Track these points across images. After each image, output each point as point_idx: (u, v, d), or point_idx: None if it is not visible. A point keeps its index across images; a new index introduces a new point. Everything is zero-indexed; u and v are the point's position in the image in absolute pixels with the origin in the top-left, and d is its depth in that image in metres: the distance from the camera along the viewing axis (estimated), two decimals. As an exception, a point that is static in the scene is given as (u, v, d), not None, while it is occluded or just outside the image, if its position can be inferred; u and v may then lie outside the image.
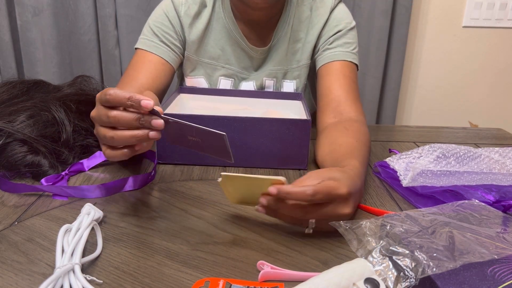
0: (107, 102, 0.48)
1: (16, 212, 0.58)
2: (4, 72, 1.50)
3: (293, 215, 0.51)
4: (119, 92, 0.47)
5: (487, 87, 1.76)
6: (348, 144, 0.68)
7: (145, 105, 0.46)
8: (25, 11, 1.44)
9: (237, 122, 0.71)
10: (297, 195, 0.48)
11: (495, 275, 0.41)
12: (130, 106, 0.47)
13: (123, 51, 1.52)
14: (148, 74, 0.83)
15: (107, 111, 0.48)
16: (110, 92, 0.47)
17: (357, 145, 0.68)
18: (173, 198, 0.63)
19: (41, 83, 0.88)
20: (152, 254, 0.49)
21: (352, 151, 0.66)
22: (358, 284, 0.40)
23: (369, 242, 0.47)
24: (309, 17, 0.89)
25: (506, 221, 0.52)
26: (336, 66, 0.86)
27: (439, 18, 1.66)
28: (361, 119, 0.79)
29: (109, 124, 0.49)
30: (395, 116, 1.70)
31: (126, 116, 0.48)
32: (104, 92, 0.48)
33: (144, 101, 0.46)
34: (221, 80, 0.92)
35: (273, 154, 0.73)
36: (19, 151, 0.67)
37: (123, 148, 0.51)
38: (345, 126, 0.74)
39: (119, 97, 0.47)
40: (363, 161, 0.65)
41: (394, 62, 1.61)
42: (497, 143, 0.96)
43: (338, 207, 0.51)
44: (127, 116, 0.48)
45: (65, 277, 0.42)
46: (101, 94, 0.49)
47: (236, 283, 0.44)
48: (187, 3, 0.86)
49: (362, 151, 0.67)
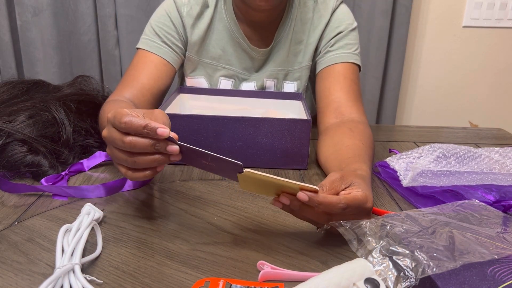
0: (121, 129, 0.48)
1: (16, 212, 0.58)
2: (4, 72, 1.50)
3: (316, 220, 0.50)
4: (134, 121, 0.46)
5: (487, 87, 1.76)
6: (354, 146, 0.68)
7: (161, 133, 0.46)
8: (25, 11, 1.44)
9: (237, 122, 0.71)
10: (328, 206, 0.47)
11: (495, 275, 0.41)
12: (146, 134, 0.47)
13: (123, 51, 1.52)
14: (149, 74, 0.83)
15: (122, 136, 0.48)
16: (125, 120, 0.46)
17: (364, 148, 0.68)
18: (173, 198, 0.63)
19: (41, 83, 0.88)
20: (152, 254, 0.49)
21: (360, 154, 0.66)
22: (358, 284, 0.40)
23: (369, 242, 0.47)
24: (311, 18, 0.89)
25: (506, 221, 0.52)
26: (337, 68, 0.86)
27: (439, 18, 1.66)
28: (363, 120, 0.79)
29: (124, 149, 0.48)
30: (395, 116, 1.70)
31: (142, 142, 0.47)
32: (118, 119, 0.47)
33: (160, 129, 0.46)
34: (222, 81, 0.92)
35: (273, 154, 0.73)
36: (19, 151, 0.67)
37: (144, 170, 0.51)
38: (349, 127, 0.74)
39: (135, 125, 0.46)
40: (371, 165, 0.65)
41: (394, 62, 1.61)
42: (497, 143, 0.96)
43: (360, 216, 0.51)
44: (143, 142, 0.47)
45: (65, 277, 0.42)
46: (114, 118, 0.48)
47: (236, 283, 0.44)
48: (190, 3, 0.86)
49: (368, 154, 0.67)
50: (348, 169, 0.61)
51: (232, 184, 0.68)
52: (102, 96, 0.89)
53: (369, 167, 0.63)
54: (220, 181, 0.69)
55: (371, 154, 0.69)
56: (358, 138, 0.70)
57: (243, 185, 0.52)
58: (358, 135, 0.71)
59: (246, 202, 0.62)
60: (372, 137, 0.74)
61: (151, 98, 0.83)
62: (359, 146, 0.68)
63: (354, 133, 0.72)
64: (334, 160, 0.68)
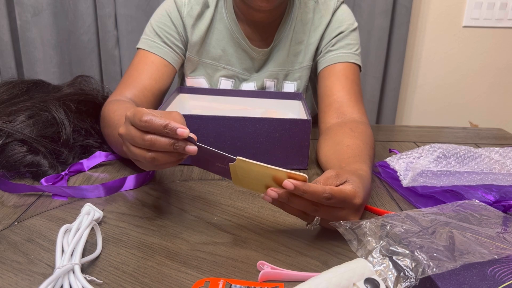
0: (141, 127, 0.48)
1: (16, 212, 0.58)
2: (4, 72, 1.50)
3: (303, 210, 0.51)
4: (155, 120, 0.47)
5: (487, 87, 1.76)
6: (355, 146, 0.68)
7: (181, 133, 0.47)
8: (24, 11, 1.44)
9: (237, 122, 0.71)
10: (313, 195, 0.48)
11: (495, 275, 0.41)
12: (166, 133, 0.47)
13: (123, 51, 1.52)
14: (150, 75, 0.83)
15: (141, 134, 0.48)
16: (146, 118, 0.47)
17: (364, 148, 0.68)
18: (173, 198, 0.63)
19: (41, 83, 0.88)
20: (152, 254, 0.49)
21: (360, 154, 0.66)
22: (358, 284, 0.40)
23: (369, 242, 0.47)
24: (311, 19, 0.89)
25: (506, 221, 0.52)
26: (338, 68, 0.86)
27: (439, 18, 1.66)
28: (364, 121, 0.79)
29: (143, 146, 0.49)
30: (395, 116, 1.70)
31: (162, 141, 0.48)
32: (139, 117, 0.48)
33: (180, 129, 0.47)
34: (222, 81, 0.92)
35: (273, 154, 0.73)
36: (19, 151, 0.67)
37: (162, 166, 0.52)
38: (350, 127, 0.74)
39: (155, 125, 0.47)
40: (371, 165, 0.65)
41: (394, 62, 1.61)
42: (497, 143, 0.96)
43: (348, 214, 0.52)
44: (163, 141, 0.48)
45: (65, 277, 0.42)
46: (134, 116, 0.49)
47: (236, 283, 0.44)
48: (190, 3, 0.86)
49: (369, 154, 0.67)
50: (348, 168, 0.61)
51: (232, 184, 0.68)
52: (102, 96, 0.89)
53: (369, 167, 0.63)
54: (220, 181, 0.69)
55: (371, 154, 0.69)
56: (359, 138, 0.70)
57: (235, 179, 0.53)
58: (359, 135, 0.71)
59: (246, 202, 0.62)
60: (373, 137, 0.74)
61: (152, 98, 0.83)
62: (360, 146, 0.68)
63: (355, 133, 0.72)
64: (335, 159, 0.68)
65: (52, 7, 1.45)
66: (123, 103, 0.74)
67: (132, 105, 0.75)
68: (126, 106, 0.72)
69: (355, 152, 0.66)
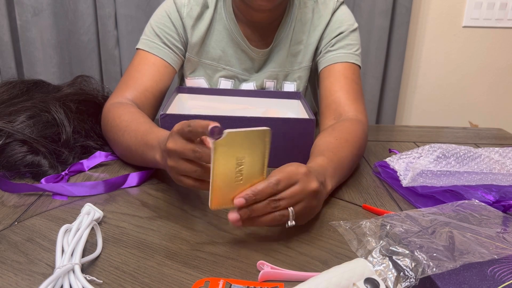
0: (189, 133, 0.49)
1: (16, 212, 0.58)
2: (4, 72, 1.50)
3: (268, 211, 0.49)
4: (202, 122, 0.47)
5: (487, 87, 1.76)
6: (324, 143, 0.68)
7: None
8: (24, 11, 1.44)
9: (237, 122, 0.71)
10: (265, 191, 0.48)
11: (495, 275, 0.41)
12: None
13: (123, 51, 1.52)
14: (151, 76, 0.83)
15: (193, 146, 0.49)
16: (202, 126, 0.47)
17: (335, 144, 0.67)
18: (173, 198, 0.63)
19: (41, 83, 0.88)
20: (152, 254, 0.49)
21: (324, 150, 0.65)
22: (358, 284, 0.40)
23: (369, 242, 0.47)
24: (311, 19, 0.89)
25: (506, 221, 0.52)
26: (338, 68, 0.86)
27: (439, 18, 1.66)
28: (360, 119, 0.78)
29: (193, 158, 0.50)
30: (395, 116, 1.70)
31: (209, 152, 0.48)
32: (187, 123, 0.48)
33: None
34: (222, 81, 0.92)
35: (276, 153, 0.73)
36: (19, 151, 0.67)
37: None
38: (334, 126, 0.74)
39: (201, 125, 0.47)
40: (333, 157, 0.63)
41: (394, 62, 1.61)
42: (497, 143, 0.96)
43: (304, 183, 0.51)
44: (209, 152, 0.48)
45: (65, 277, 0.42)
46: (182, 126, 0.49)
47: (236, 283, 0.44)
48: (190, 4, 0.86)
49: (336, 148, 0.66)
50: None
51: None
52: (102, 96, 0.89)
53: (328, 157, 0.62)
54: (220, 181, 0.69)
55: (344, 147, 0.67)
56: (333, 134, 0.70)
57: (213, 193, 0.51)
58: (337, 132, 0.70)
59: (246, 202, 0.62)
60: (358, 132, 0.73)
61: (152, 99, 0.83)
62: (330, 142, 0.67)
63: (334, 131, 0.71)
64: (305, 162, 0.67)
65: (52, 7, 1.45)
66: (127, 107, 0.74)
67: (136, 109, 0.74)
68: (131, 111, 0.72)
69: (319, 149, 0.65)
